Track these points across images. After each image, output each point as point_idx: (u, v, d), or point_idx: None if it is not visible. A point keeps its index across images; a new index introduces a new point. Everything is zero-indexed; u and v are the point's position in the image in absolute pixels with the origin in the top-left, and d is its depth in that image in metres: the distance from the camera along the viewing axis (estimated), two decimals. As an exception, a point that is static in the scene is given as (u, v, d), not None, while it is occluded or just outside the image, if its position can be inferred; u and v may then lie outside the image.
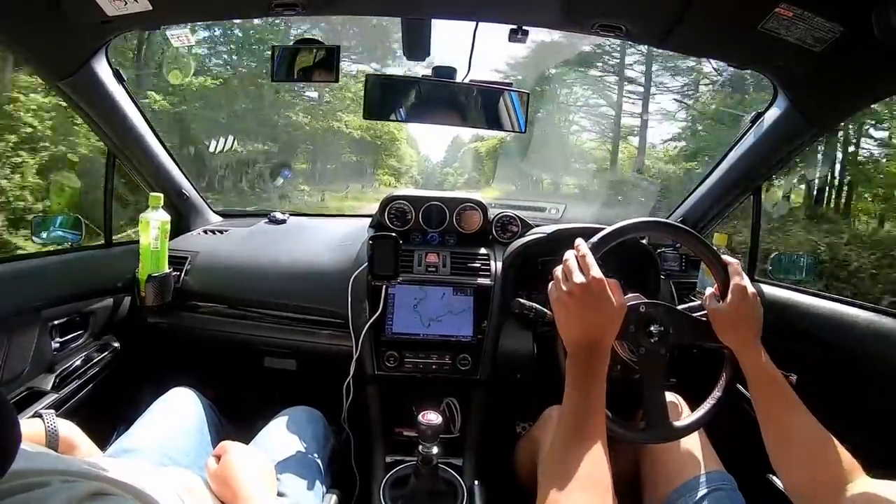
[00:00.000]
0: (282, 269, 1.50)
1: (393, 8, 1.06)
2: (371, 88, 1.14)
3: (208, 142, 9.75)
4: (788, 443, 0.76)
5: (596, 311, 0.74)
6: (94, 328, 1.38)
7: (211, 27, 11.13)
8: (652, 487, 1.02)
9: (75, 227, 1.42)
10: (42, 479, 0.49)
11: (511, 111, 1.18)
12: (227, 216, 1.91)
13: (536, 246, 1.46)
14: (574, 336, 0.75)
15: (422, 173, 20.17)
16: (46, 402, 1.19)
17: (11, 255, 2.08)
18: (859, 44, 0.87)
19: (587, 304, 0.74)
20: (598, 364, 0.72)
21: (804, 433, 0.75)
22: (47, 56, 1.11)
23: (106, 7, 0.94)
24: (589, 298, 0.74)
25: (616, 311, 0.75)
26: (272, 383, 1.68)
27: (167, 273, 1.39)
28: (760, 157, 1.35)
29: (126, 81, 1.31)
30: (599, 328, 0.74)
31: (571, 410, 0.70)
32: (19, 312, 1.15)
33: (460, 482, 1.18)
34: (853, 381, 1.12)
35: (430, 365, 1.34)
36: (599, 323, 0.74)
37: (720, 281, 0.88)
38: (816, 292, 1.33)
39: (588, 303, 0.74)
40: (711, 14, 0.91)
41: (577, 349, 0.74)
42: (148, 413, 1.06)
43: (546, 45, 12.87)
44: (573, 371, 0.73)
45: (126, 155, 1.46)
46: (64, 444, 0.82)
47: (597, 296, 0.74)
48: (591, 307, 0.74)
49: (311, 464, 1.05)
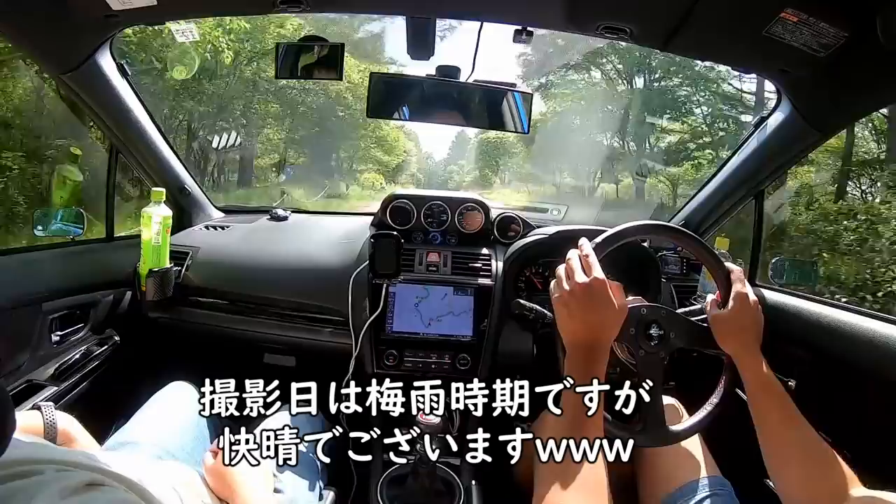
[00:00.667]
0: (283, 266, 1.50)
1: (398, 6, 1.06)
2: (374, 87, 1.14)
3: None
4: (785, 454, 0.76)
5: (596, 312, 0.74)
6: (95, 322, 1.38)
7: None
8: (648, 491, 1.01)
9: (77, 220, 1.42)
10: (36, 467, 0.49)
11: (514, 111, 1.18)
12: (228, 212, 1.91)
13: (538, 247, 1.46)
14: (573, 335, 0.75)
15: (423, 171, 19.43)
16: (45, 395, 1.19)
17: (12, 248, 2.09)
18: (864, 49, 0.87)
19: (588, 304, 0.74)
20: (597, 364, 0.72)
21: (801, 444, 0.74)
22: (51, 49, 1.11)
23: (111, 1, 0.94)
24: (590, 298, 0.73)
25: (617, 312, 0.75)
26: (271, 380, 1.68)
27: (168, 268, 1.39)
28: (763, 161, 1.34)
29: (130, 76, 1.31)
30: (599, 328, 0.74)
31: (569, 413, 0.70)
32: (20, 305, 1.15)
33: (458, 482, 1.18)
34: (851, 388, 1.12)
35: (430, 364, 1.34)
36: (599, 323, 0.74)
37: (722, 287, 0.88)
38: (815, 298, 1.32)
39: (589, 303, 0.74)
40: (716, 18, 0.91)
41: (576, 349, 0.74)
42: (146, 407, 1.06)
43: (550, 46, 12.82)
44: (571, 371, 0.73)
45: (129, 149, 1.46)
46: (62, 437, 0.82)
47: (598, 296, 0.74)
48: (592, 307, 0.74)
49: (308, 461, 1.05)
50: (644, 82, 12.04)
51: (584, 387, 0.70)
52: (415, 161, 18.81)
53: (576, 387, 0.71)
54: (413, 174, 17.67)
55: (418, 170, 18.84)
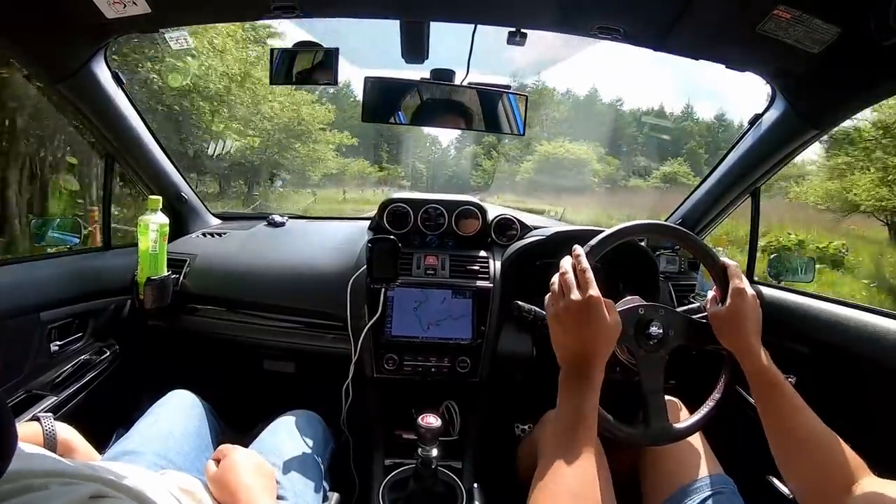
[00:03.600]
0: (281, 272, 1.49)
1: (391, 10, 1.06)
2: (369, 90, 1.14)
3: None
4: (794, 445, 0.75)
5: (590, 329, 0.74)
6: (93, 331, 1.38)
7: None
8: (651, 490, 1.01)
9: (74, 229, 1.42)
10: (40, 480, 0.48)
11: (510, 114, 1.18)
12: (225, 219, 1.91)
13: (535, 248, 1.46)
14: (567, 352, 0.75)
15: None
16: (45, 405, 1.18)
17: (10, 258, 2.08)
18: (857, 45, 0.87)
19: (582, 322, 0.74)
20: (590, 382, 0.72)
21: (810, 435, 0.74)
22: (46, 58, 1.11)
23: (105, 9, 0.94)
24: (584, 316, 0.73)
25: (611, 329, 0.75)
26: (271, 386, 1.68)
27: (166, 276, 1.39)
28: (759, 158, 1.35)
29: (125, 84, 1.31)
30: (593, 345, 0.74)
31: (562, 427, 0.70)
32: (18, 315, 1.15)
33: (459, 485, 1.18)
34: (851, 383, 1.12)
35: (430, 367, 1.34)
36: (593, 339, 0.74)
37: (719, 284, 0.88)
38: (813, 293, 1.33)
39: (583, 320, 0.74)
40: (710, 16, 0.91)
41: (570, 366, 0.74)
42: (147, 416, 1.05)
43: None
44: (565, 387, 0.73)
45: (124, 157, 1.46)
46: (62, 447, 0.81)
47: (593, 314, 0.73)
48: (586, 324, 0.74)
49: (310, 467, 1.05)
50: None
51: (577, 402, 0.71)
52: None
53: (569, 400, 0.72)
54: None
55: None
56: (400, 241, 1.26)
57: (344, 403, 1.34)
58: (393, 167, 30.90)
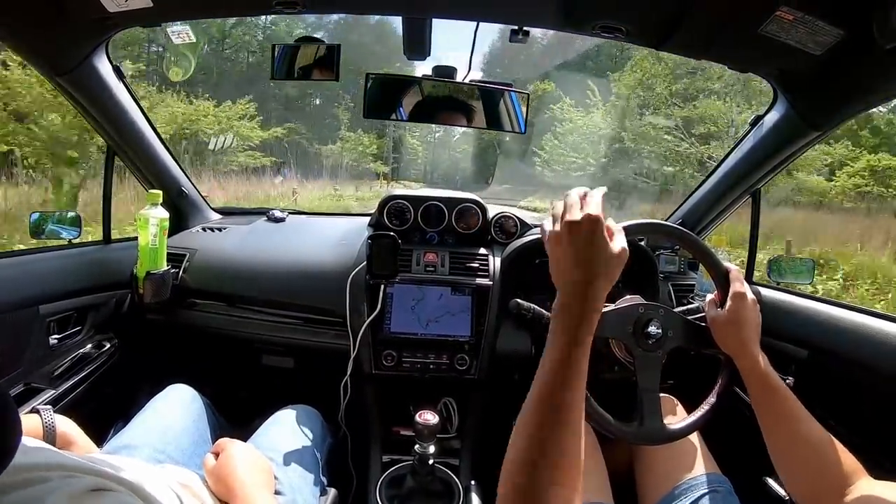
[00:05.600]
0: (280, 268, 1.49)
1: (394, 6, 1.06)
2: (371, 87, 1.14)
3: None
4: (792, 448, 0.76)
5: (588, 250, 0.66)
6: (92, 324, 1.38)
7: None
8: (647, 488, 1.02)
9: (74, 223, 1.42)
10: (41, 474, 0.49)
11: (511, 111, 1.18)
12: (225, 214, 1.91)
13: (535, 246, 1.46)
14: (565, 275, 0.68)
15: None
16: (44, 398, 1.19)
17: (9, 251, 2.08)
18: (859, 47, 0.87)
19: (579, 242, 0.66)
20: (587, 314, 0.65)
21: (807, 437, 0.75)
22: (47, 51, 1.11)
23: (107, 3, 0.94)
24: (583, 236, 0.66)
25: (613, 255, 0.67)
26: (270, 381, 1.68)
27: (165, 270, 1.39)
28: (760, 159, 1.35)
29: (126, 78, 1.31)
30: (593, 268, 0.66)
31: (551, 367, 0.65)
32: (17, 308, 1.15)
33: (456, 482, 1.19)
34: (849, 385, 1.13)
35: (428, 364, 1.34)
36: (593, 262, 0.66)
37: (720, 287, 0.88)
38: (812, 295, 1.33)
39: (582, 241, 0.66)
40: (712, 17, 0.91)
41: (566, 293, 0.67)
42: (145, 410, 1.06)
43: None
44: (559, 317, 0.66)
45: (125, 151, 1.45)
46: (61, 440, 0.82)
47: (592, 233, 0.66)
48: (585, 245, 0.66)
49: (308, 462, 1.05)
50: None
51: (572, 336, 0.64)
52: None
53: (563, 332, 0.65)
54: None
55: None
56: (400, 238, 1.26)
57: (342, 399, 1.35)
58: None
